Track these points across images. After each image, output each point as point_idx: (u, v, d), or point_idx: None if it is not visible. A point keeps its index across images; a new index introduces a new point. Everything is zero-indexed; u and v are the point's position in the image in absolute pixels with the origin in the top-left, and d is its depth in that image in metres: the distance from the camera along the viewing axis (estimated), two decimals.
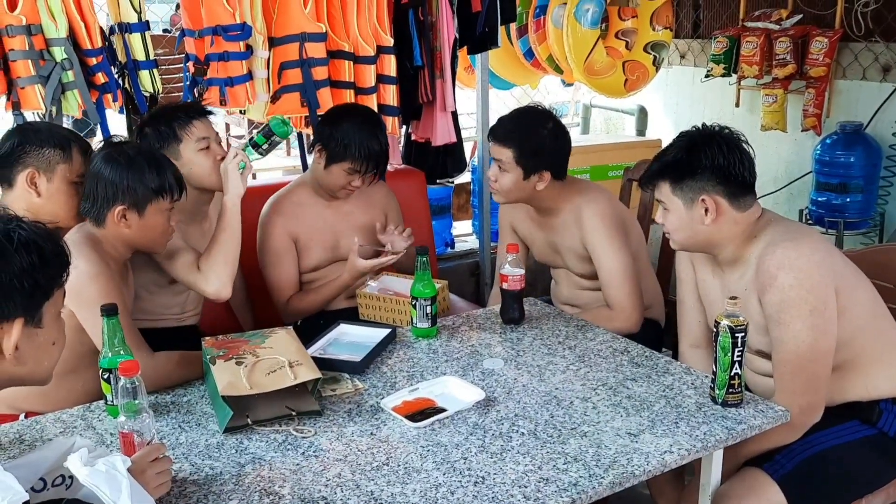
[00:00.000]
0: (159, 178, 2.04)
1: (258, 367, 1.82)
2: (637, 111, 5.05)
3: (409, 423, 1.74)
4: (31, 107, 2.54)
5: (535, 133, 2.40)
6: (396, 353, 2.15)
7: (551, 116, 2.50)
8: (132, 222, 2.03)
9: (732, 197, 1.92)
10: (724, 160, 1.90)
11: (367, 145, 2.50)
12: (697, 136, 1.97)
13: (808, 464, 1.88)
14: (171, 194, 2.07)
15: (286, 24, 2.86)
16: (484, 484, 1.52)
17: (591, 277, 2.50)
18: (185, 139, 2.28)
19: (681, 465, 1.64)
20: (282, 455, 1.65)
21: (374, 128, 2.56)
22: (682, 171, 1.94)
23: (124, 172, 2.01)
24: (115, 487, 1.23)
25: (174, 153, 2.26)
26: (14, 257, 1.28)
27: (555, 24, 4.30)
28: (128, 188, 2.01)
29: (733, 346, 1.74)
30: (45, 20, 2.49)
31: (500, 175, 2.43)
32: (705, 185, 1.92)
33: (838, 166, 3.85)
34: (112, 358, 1.76)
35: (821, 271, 1.84)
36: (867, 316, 1.94)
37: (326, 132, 2.54)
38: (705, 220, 1.93)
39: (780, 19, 4.13)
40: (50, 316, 1.37)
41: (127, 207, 2.01)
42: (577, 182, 2.58)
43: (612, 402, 1.83)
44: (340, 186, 2.58)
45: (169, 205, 2.08)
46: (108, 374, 1.79)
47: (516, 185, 2.43)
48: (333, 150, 2.51)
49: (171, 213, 2.10)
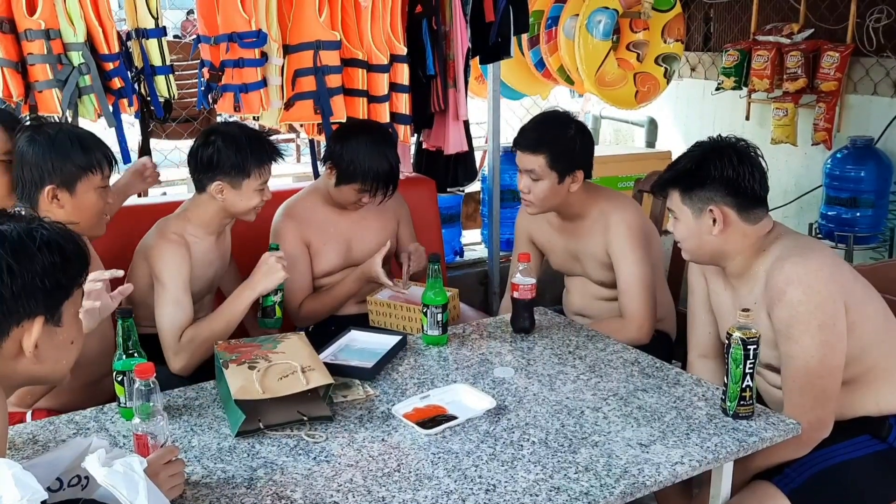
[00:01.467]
0: (85, 154, 2.01)
1: (271, 372, 1.83)
2: (647, 123, 5.06)
3: (421, 430, 1.75)
4: (48, 110, 2.56)
5: (562, 135, 2.42)
6: (407, 360, 2.16)
7: (572, 118, 2.52)
8: (64, 202, 2.00)
9: (741, 209, 1.92)
10: (734, 172, 1.91)
11: (375, 168, 2.50)
12: (710, 147, 1.98)
13: (818, 479, 1.87)
14: (100, 169, 2.04)
15: (301, 32, 2.87)
16: (495, 492, 1.53)
17: (609, 286, 2.51)
18: (252, 176, 2.27)
19: (691, 476, 1.65)
20: (293, 460, 1.65)
21: (385, 147, 2.54)
22: (691, 180, 1.95)
23: (48, 152, 1.98)
24: (132, 488, 1.23)
25: (235, 183, 2.26)
26: (37, 256, 1.30)
27: (566, 35, 4.32)
28: (53, 167, 1.98)
29: (745, 358, 1.75)
30: (64, 25, 2.51)
31: (534, 185, 2.42)
32: (714, 196, 1.92)
33: (849, 181, 3.85)
34: (126, 360, 1.78)
35: (829, 287, 1.83)
36: (878, 331, 1.94)
37: (337, 151, 2.54)
38: (713, 231, 1.93)
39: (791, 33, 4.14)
40: (69, 315, 1.39)
41: (56, 187, 1.99)
42: (605, 189, 2.60)
43: (622, 413, 1.83)
44: (351, 203, 2.60)
45: (101, 181, 2.04)
46: (121, 376, 1.80)
47: (552, 191, 2.42)
48: (343, 171, 2.52)
49: (105, 190, 2.07)
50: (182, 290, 2.23)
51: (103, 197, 2.07)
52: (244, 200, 2.29)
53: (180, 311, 2.21)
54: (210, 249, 2.37)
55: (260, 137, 2.34)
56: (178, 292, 2.21)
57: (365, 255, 2.67)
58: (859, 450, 1.92)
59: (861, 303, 1.91)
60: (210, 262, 2.38)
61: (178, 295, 2.21)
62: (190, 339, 2.21)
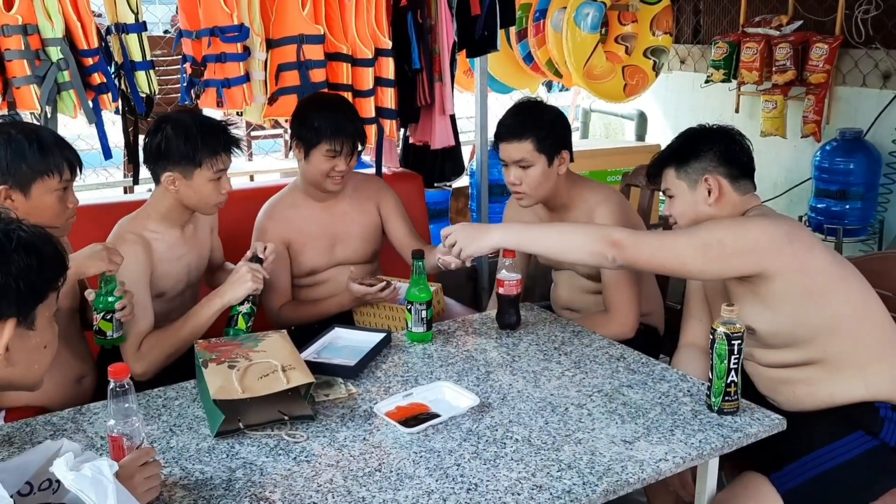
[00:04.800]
0: (43, 157, 1.95)
1: (251, 371, 1.80)
2: (637, 116, 5.05)
3: (403, 429, 1.73)
4: (27, 107, 2.53)
5: (542, 118, 2.43)
6: (391, 357, 2.14)
7: (544, 102, 2.60)
8: (18, 203, 1.93)
9: (733, 179, 2.03)
10: (724, 145, 2.05)
11: (337, 123, 2.47)
12: (699, 129, 2.12)
13: (815, 483, 1.85)
14: (58, 173, 1.97)
15: (284, 26, 2.85)
16: (477, 491, 1.51)
17: (596, 279, 2.49)
18: (204, 166, 2.20)
19: (675, 472, 1.63)
20: (273, 460, 1.63)
21: (341, 108, 2.55)
22: (685, 154, 2.06)
23: (3, 151, 1.93)
24: (100, 493, 1.21)
25: (187, 173, 2.20)
26: (12, 258, 1.28)
27: (554, 28, 4.30)
28: (7, 168, 1.93)
29: (730, 353, 1.73)
30: (42, 20, 2.47)
31: (525, 174, 2.40)
32: (707, 166, 2.03)
33: (838, 173, 3.85)
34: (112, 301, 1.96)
35: (762, 226, 1.92)
36: (856, 310, 1.94)
37: (296, 124, 2.53)
38: (708, 201, 2.02)
39: (780, 25, 4.13)
40: (43, 319, 1.37)
41: (10, 188, 1.94)
42: (589, 181, 2.61)
43: (607, 409, 1.82)
44: (325, 174, 2.52)
45: (58, 184, 1.98)
46: (110, 315, 1.96)
47: (544, 176, 2.41)
48: (307, 138, 2.49)
49: (65, 193, 2.00)
50: (142, 292, 2.17)
51: (63, 200, 2.01)
52: (198, 193, 2.22)
53: (140, 313, 2.15)
54: (176, 243, 2.31)
55: (214, 126, 2.25)
56: (139, 295, 2.14)
57: (349, 250, 2.65)
58: (853, 450, 1.90)
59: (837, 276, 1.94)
60: (178, 256, 2.31)
61: (137, 297, 2.13)
62: (151, 346, 2.17)
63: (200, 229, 2.42)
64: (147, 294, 2.20)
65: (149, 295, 2.21)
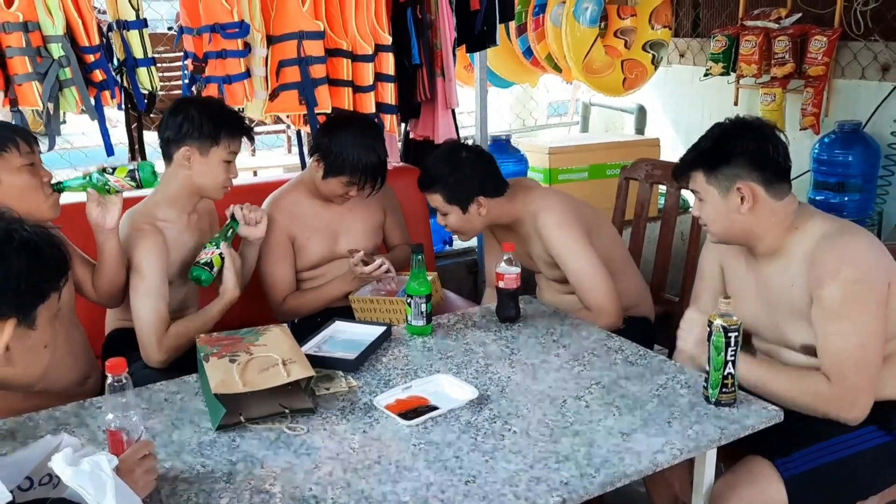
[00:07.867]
0: None
1: (251, 365, 1.82)
2: (636, 110, 5.04)
3: (402, 422, 1.75)
4: (29, 104, 2.54)
5: (452, 168, 2.42)
6: (391, 350, 2.15)
7: (462, 146, 2.58)
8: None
9: (768, 184, 1.90)
10: (758, 146, 1.90)
11: (364, 160, 2.48)
12: (730, 125, 1.97)
13: (819, 471, 1.85)
14: (15, 147, 1.91)
15: (284, 22, 2.86)
16: (475, 483, 1.53)
17: (566, 282, 2.50)
18: (222, 144, 2.26)
19: (673, 464, 1.64)
20: (274, 453, 1.65)
21: (373, 140, 2.53)
22: (716, 158, 1.93)
23: None
24: (99, 487, 1.21)
25: (204, 149, 2.24)
26: (13, 257, 1.29)
27: (554, 23, 4.30)
28: None
29: (727, 345, 1.74)
30: (43, 17, 2.49)
31: (446, 219, 2.49)
32: (740, 172, 1.90)
33: (836, 165, 3.84)
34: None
35: (879, 265, 1.84)
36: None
37: (325, 144, 2.52)
38: (742, 209, 1.90)
39: (779, 18, 4.12)
40: (44, 319, 1.37)
41: None
42: (528, 190, 2.55)
43: (605, 401, 1.83)
44: (337, 196, 2.59)
45: (20, 159, 1.92)
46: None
47: (464, 220, 2.48)
48: (331, 164, 2.50)
49: (33, 167, 1.96)
50: (161, 281, 2.21)
51: (35, 175, 1.96)
52: (211, 171, 2.27)
53: (161, 301, 2.20)
54: (183, 230, 2.34)
55: (234, 113, 2.36)
56: (158, 283, 2.20)
57: (352, 245, 2.66)
58: (864, 442, 1.89)
59: None
60: (184, 243, 2.34)
61: (157, 285, 2.19)
62: (177, 335, 2.21)
63: (202, 220, 2.45)
64: (165, 283, 2.23)
65: (167, 284, 2.24)
